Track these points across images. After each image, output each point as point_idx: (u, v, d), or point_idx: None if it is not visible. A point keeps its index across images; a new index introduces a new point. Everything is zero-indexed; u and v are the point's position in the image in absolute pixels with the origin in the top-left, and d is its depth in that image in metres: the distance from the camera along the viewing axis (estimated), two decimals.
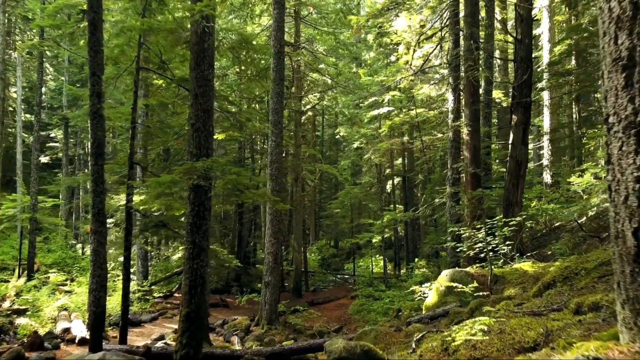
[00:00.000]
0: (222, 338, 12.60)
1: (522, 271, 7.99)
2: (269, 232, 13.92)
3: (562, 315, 3.46)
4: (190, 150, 6.77)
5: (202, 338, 6.56)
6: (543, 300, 4.72)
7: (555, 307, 4.10)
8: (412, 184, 25.58)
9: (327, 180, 40.17)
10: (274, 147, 14.02)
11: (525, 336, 3.13)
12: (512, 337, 3.22)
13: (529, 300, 5.17)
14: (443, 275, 8.50)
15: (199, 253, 6.61)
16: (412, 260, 24.29)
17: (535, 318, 3.69)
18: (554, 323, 3.25)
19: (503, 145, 21.26)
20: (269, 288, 13.77)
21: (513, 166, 11.92)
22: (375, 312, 15.96)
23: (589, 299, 3.38)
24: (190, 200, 6.68)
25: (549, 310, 3.99)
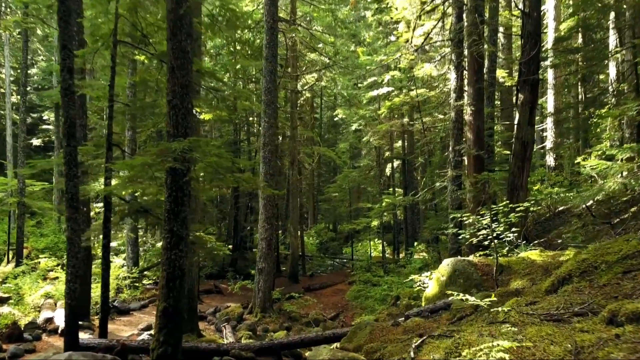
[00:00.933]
0: (213, 327, 12.13)
1: (530, 260, 7.42)
2: (262, 218, 13.36)
3: (591, 325, 2.88)
4: (168, 130, 6.13)
5: (182, 335, 6.01)
6: (559, 298, 4.14)
7: (578, 309, 3.52)
8: (412, 167, 24.96)
9: (325, 163, 39.53)
10: (267, 128, 13.37)
11: (549, 353, 2.55)
12: (532, 354, 2.63)
13: (542, 297, 4.59)
14: (444, 264, 7.94)
15: (177, 242, 6.02)
16: (411, 245, 23.81)
17: (556, 326, 3.11)
18: (583, 336, 2.67)
19: (506, 126, 20.60)
20: (263, 275, 13.26)
21: (518, 148, 11.29)
22: (373, 299, 15.49)
23: (627, 307, 2.80)
24: (167, 185, 6.07)
25: (570, 314, 3.41)
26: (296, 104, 20.91)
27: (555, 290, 4.84)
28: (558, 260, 6.99)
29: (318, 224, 37.91)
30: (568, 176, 21.89)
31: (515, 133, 11.49)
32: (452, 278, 7.60)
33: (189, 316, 10.37)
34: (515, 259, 7.67)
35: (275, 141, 14.52)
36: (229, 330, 11.36)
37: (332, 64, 21.23)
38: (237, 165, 6.05)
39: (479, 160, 11.51)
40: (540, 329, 3.00)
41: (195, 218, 10.47)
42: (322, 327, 13.02)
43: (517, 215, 7.63)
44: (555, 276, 5.09)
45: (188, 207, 6.20)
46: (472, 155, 11.48)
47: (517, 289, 6.06)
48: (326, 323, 13.44)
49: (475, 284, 7.29)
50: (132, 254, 16.45)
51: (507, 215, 7.74)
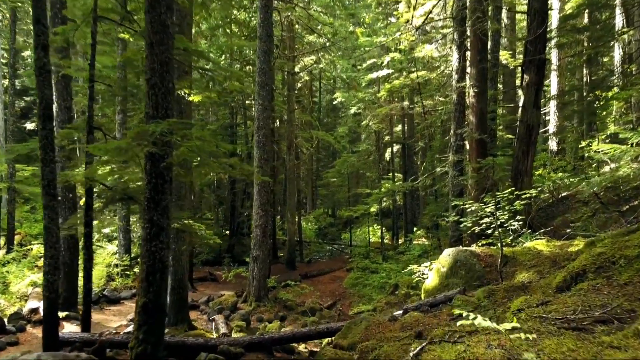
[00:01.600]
0: (205, 317, 11.77)
1: (536, 251, 6.99)
2: (256, 204, 12.92)
3: (622, 339, 2.43)
4: (147, 111, 5.64)
5: (163, 332, 5.61)
6: (575, 299, 3.70)
7: (599, 314, 3.08)
8: (412, 152, 24.46)
9: (325, 148, 39.01)
10: (261, 111, 12.85)
11: None
12: None
13: (554, 296, 4.16)
14: (445, 254, 7.51)
15: (157, 233, 5.58)
16: (410, 231, 23.44)
17: (578, 336, 2.68)
18: (615, 355, 2.24)
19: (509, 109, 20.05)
20: (257, 263, 12.87)
21: (523, 131, 10.79)
22: (371, 287, 15.16)
23: None
24: (146, 171, 5.60)
25: (592, 321, 2.97)
26: (293, 87, 20.32)
27: (568, 288, 4.41)
28: (567, 252, 6.55)
29: (317, 209, 37.54)
30: (571, 161, 21.42)
31: (520, 116, 10.98)
32: (453, 269, 7.18)
33: (178, 306, 10.00)
34: (521, 249, 7.24)
35: (270, 124, 14.01)
36: (222, 321, 11.00)
37: (331, 44, 20.56)
38: (222, 150, 5.58)
39: (481, 144, 11.02)
40: (560, 342, 2.56)
41: (185, 205, 10.03)
42: (318, 317, 12.67)
43: (523, 202, 7.18)
44: (567, 271, 4.65)
45: (170, 195, 5.74)
46: (474, 139, 10.99)
47: (523, 283, 5.63)
48: (322, 312, 13.09)
49: (477, 276, 6.88)
50: (124, 241, 16.05)
51: (512, 203, 7.30)
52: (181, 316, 9.96)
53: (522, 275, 6.26)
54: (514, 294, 5.36)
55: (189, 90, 9.17)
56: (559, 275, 5.02)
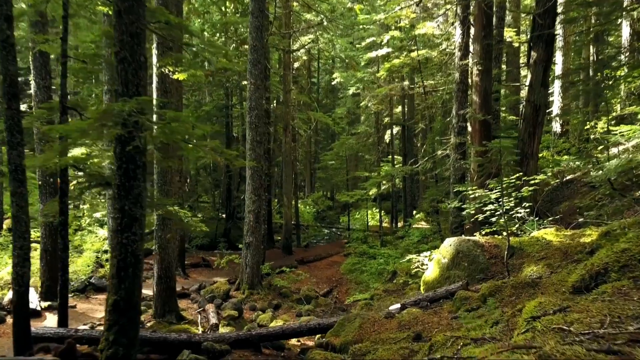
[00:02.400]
0: (196, 305, 11.33)
1: (545, 241, 6.47)
2: (249, 189, 12.37)
3: None
4: (116, 88, 5.05)
5: (137, 333, 5.11)
6: (599, 305, 3.18)
7: (633, 329, 2.56)
8: (412, 134, 23.84)
9: (324, 130, 38.33)
10: (253, 90, 12.21)
11: None
12: None
13: (573, 299, 3.63)
14: (446, 244, 7.00)
15: (129, 224, 5.05)
16: (410, 215, 22.98)
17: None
18: None
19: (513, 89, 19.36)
20: (250, 249, 12.39)
21: (530, 112, 10.21)
22: (368, 273, 14.72)
23: None
24: (116, 156, 5.04)
25: (627, 339, 2.45)
26: (289, 66, 19.60)
27: (587, 288, 3.88)
28: (578, 242, 6.04)
29: (315, 192, 37.02)
30: (576, 143, 20.82)
31: (527, 95, 10.38)
32: (455, 261, 6.67)
33: (166, 297, 9.55)
34: (528, 239, 6.72)
35: (263, 105, 13.38)
36: (212, 310, 10.55)
37: (328, 22, 19.76)
38: (199, 132, 5.00)
39: (485, 125, 10.43)
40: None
41: (172, 190, 9.49)
42: (313, 305, 12.24)
43: (531, 189, 6.63)
44: (585, 269, 4.12)
45: (143, 182, 5.19)
46: (477, 121, 10.40)
47: (533, 279, 5.12)
48: (318, 300, 12.66)
49: (481, 268, 6.37)
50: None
51: (519, 189, 6.76)
52: (169, 307, 9.50)
53: (530, 269, 5.75)
54: (523, 292, 4.85)
55: (173, 67, 8.54)
56: (574, 272, 4.50)
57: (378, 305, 11.47)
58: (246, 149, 12.39)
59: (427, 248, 13.79)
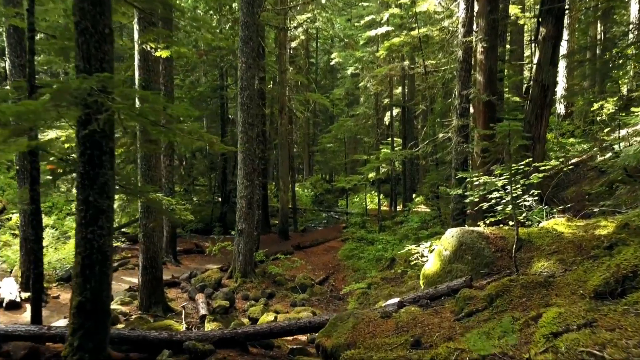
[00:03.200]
0: (186, 295, 10.88)
1: (555, 233, 5.95)
2: (241, 173, 11.83)
3: None
4: (77, 64, 4.47)
5: (106, 336, 4.62)
6: (631, 319, 2.67)
7: None
8: (412, 115, 23.18)
9: (322, 111, 37.58)
10: (244, 69, 11.57)
11: None
12: None
13: (598, 309, 3.11)
14: (448, 235, 6.48)
15: (95, 216, 4.51)
16: (409, 198, 22.50)
17: None
18: None
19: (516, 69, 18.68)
20: (243, 236, 11.90)
21: (537, 92, 9.60)
22: (366, 260, 14.26)
23: None
24: (79, 140, 4.48)
25: None
26: (285, 45, 18.85)
27: (612, 295, 3.37)
28: (593, 234, 5.52)
29: (314, 175, 36.46)
30: (581, 125, 20.20)
31: (534, 74, 9.76)
32: (458, 253, 6.16)
33: (152, 287, 9.08)
34: (537, 230, 6.20)
35: (255, 85, 12.74)
36: (202, 300, 10.11)
37: None
38: (174, 113, 4.43)
39: (489, 107, 9.84)
40: None
41: (156, 177, 8.93)
42: (309, 294, 11.81)
43: (541, 176, 6.08)
44: (609, 271, 3.60)
45: (111, 170, 4.64)
46: (482, 102, 9.80)
47: (545, 277, 4.60)
48: (314, 288, 12.22)
49: (486, 262, 5.86)
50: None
51: (528, 176, 6.21)
52: (155, 298, 9.05)
53: (540, 264, 5.24)
54: (535, 293, 4.34)
55: (155, 44, 7.91)
56: (595, 273, 3.98)
57: (375, 294, 11.04)
58: (238, 132, 11.81)
59: (427, 234, 13.32)
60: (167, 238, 13.82)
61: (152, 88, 8.58)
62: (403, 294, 10.35)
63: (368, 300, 10.59)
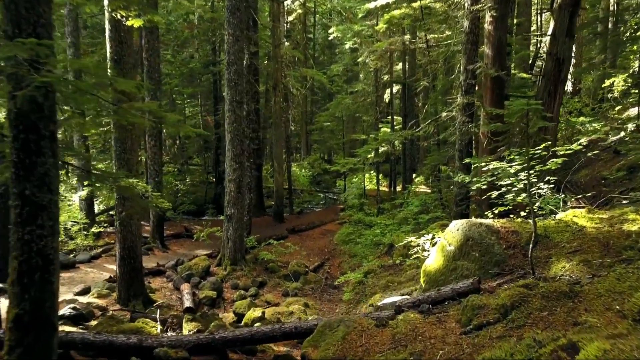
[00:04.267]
0: (171, 285, 10.23)
1: (576, 227, 5.22)
2: (229, 155, 11.06)
3: None
4: (4, 29, 3.67)
5: (52, 352, 3.92)
6: None
7: None
8: (413, 93, 22.25)
9: (321, 88, 36.51)
10: (232, 42, 10.69)
11: None
12: None
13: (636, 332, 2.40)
14: (453, 228, 5.75)
15: (33, 214, 3.78)
16: (409, 179, 21.79)
17: None
18: None
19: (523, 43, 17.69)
20: (232, 222, 11.21)
21: (551, 66, 8.77)
22: (363, 245, 13.61)
23: None
24: (10, 122, 3.71)
25: None
26: (279, 17, 17.85)
27: None
28: (621, 230, 4.79)
29: (312, 154, 35.63)
30: (591, 102, 19.32)
31: (548, 47, 8.91)
32: (464, 249, 5.44)
33: (130, 279, 8.40)
34: (554, 223, 5.46)
35: (245, 60, 11.88)
36: (187, 291, 9.46)
37: None
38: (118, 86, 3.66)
39: (498, 83, 9.00)
40: None
41: (132, 160, 8.14)
42: (302, 282, 11.19)
43: (560, 161, 5.33)
44: None
45: (53, 157, 3.88)
46: (490, 77, 8.96)
47: (570, 286, 3.88)
48: (307, 276, 11.59)
49: (496, 260, 5.15)
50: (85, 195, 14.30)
51: (545, 161, 5.46)
52: (134, 290, 8.37)
53: (561, 266, 4.52)
54: (559, 306, 3.63)
55: (125, 12, 7.04)
56: (635, 284, 3.26)
57: (372, 283, 10.40)
58: (225, 110, 11.00)
59: (428, 219, 12.64)
60: (153, 222, 13.13)
61: (125, 63, 7.74)
62: (402, 284, 9.72)
63: (364, 290, 9.96)
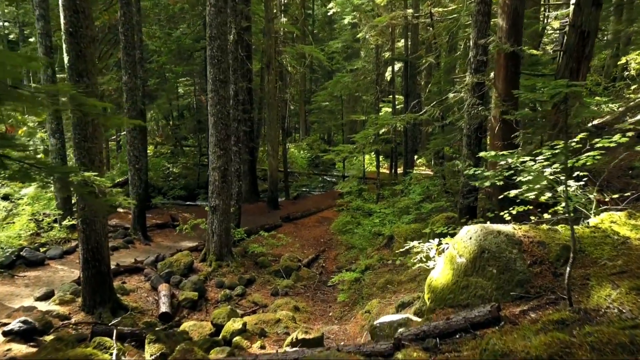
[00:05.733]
0: (149, 284, 9.32)
1: (617, 238, 4.23)
2: (212, 140, 10.03)
3: None
4: None
5: None
6: None
7: None
8: (416, 71, 21.02)
9: (322, 66, 35.14)
10: (213, 14, 9.56)
11: None
12: None
13: None
14: (464, 235, 4.76)
15: None
16: (411, 162, 20.76)
17: None
18: None
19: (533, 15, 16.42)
20: (217, 214, 10.25)
21: (574, 41, 7.66)
22: (361, 236, 12.68)
23: None
24: None
25: None
26: None
27: None
28: None
29: (311, 134, 34.47)
30: (603, 81, 18.20)
31: (571, 18, 7.77)
32: (478, 263, 4.47)
33: (96, 284, 7.48)
34: (589, 232, 4.46)
35: (232, 35, 10.76)
36: (165, 293, 8.58)
37: None
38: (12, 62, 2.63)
39: (513, 60, 7.90)
40: None
41: (94, 149, 7.13)
42: (294, 279, 10.31)
43: (598, 155, 4.33)
44: None
45: None
46: (503, 53, 7.85)
47: (630, 335, 2.91)
48: (300, 272, 10.71)
49: (519, 280, 4.17)
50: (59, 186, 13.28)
51: (577, 155, 4.48)
52: (101, 296, 7.46)
53: (604, 293, 3.54)
54: None
55: None
56: None
57: (370, 282, 9.48)
58: (207, 91, 9.92)
59: (431, 208, 11.67)
60: (134, 213, 12.18)
61: (82, 36, 6.66)
62: (402, 284, 8.78)
63: (361, 290, 9.06)
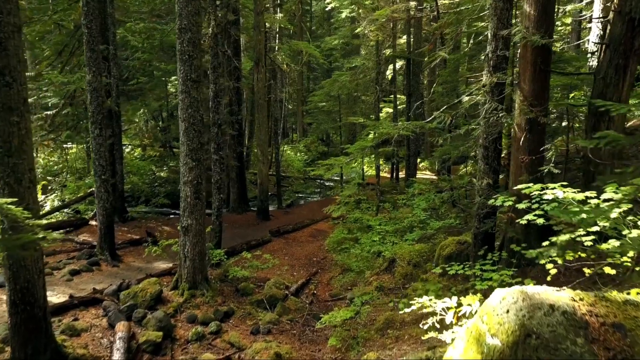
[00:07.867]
0: (105, 321, 7.88)
1: None
2: (184, 150, 8.56)
3: None
4: None
5: None
6: None
7: None
8: (419, 69, 19.58)
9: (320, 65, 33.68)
10: (183, 3, 8.09)
11: None
12: None
13: None
14: (496, 304, 3.28)
15: None
16: (413, 167, 19.39)
17: None
18: None
19: None
20: (189, 235, 8.80)
21: (620, 32, 6.21)
22: (359, 256, 11.22)
23: None
24: None
25: None
26: None
27: None
28: None
29: (309, 136, 33.00)
30: None
31: (617, 4, 6.31)
32: (522, 352, 3.00)
33: (28, 331, 6.02)
34: None
35: (212, 28, 9.32)
36: (121, 335, 7.15)
37: None
38: None
39: (543, 54, 6.43)
40: None
41: (21, 165, 5.68)
42: (279, 311, 8.86)
43: None
44: None
45: None
46: (531, 47, 6.38)
47: None
48: (287, 302, 9.26)
49: None
50: None
51: None
52: (35, 347, 6.01)
53: None
54: None
55: None
56: None
57: (367, 319, 8.06)
58: (178, 92, 8.47)
59: (439, 227, 10.22)
60: (100, 230, 10.74)
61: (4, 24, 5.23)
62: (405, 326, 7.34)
63: (357, 331, 7.60)
